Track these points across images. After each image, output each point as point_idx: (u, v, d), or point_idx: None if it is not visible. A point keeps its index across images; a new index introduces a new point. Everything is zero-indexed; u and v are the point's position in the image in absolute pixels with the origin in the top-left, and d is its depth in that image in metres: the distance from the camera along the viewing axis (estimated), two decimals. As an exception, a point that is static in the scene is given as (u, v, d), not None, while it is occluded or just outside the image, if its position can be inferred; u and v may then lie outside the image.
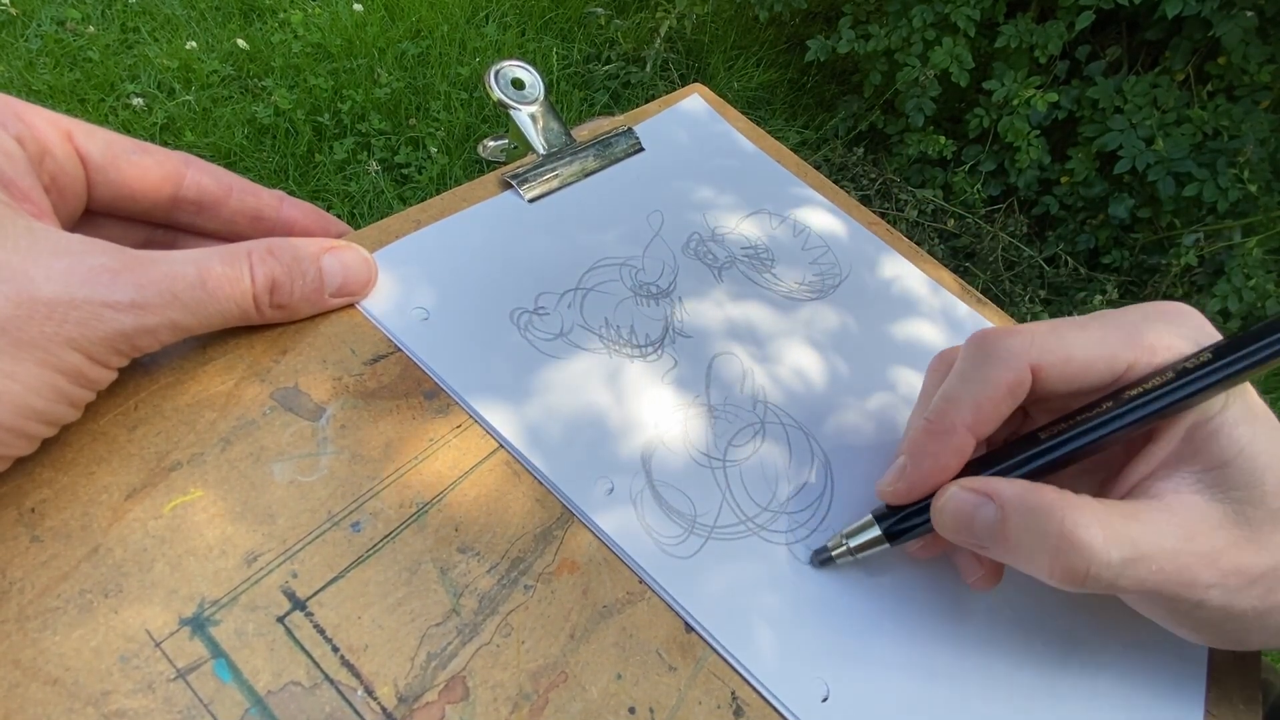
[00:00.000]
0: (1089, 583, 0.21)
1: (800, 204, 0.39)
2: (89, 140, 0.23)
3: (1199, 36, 1.45)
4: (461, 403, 0.26)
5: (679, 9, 1.83)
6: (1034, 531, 0.21)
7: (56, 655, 0.18)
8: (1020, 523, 0.22)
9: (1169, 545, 0.21)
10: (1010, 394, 0.24)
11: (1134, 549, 0.21)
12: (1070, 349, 0.23)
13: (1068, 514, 0.21)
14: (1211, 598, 0.22)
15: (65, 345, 0.19)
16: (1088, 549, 0.21)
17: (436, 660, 0.21)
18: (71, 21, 1.56)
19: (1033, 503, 0.22)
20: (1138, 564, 0.21)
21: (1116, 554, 0.21)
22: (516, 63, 0.35)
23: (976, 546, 0.23)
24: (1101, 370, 0.23)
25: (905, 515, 0.25)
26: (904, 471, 0.25)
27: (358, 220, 1.40)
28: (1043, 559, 0.21)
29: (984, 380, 0.24)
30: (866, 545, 0.25)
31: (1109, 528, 0.21)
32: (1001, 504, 0.22)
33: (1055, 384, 0.24)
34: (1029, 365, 0.23)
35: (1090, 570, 0.21)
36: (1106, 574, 0.21)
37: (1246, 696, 0.27)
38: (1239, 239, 1.49)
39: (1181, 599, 0.22)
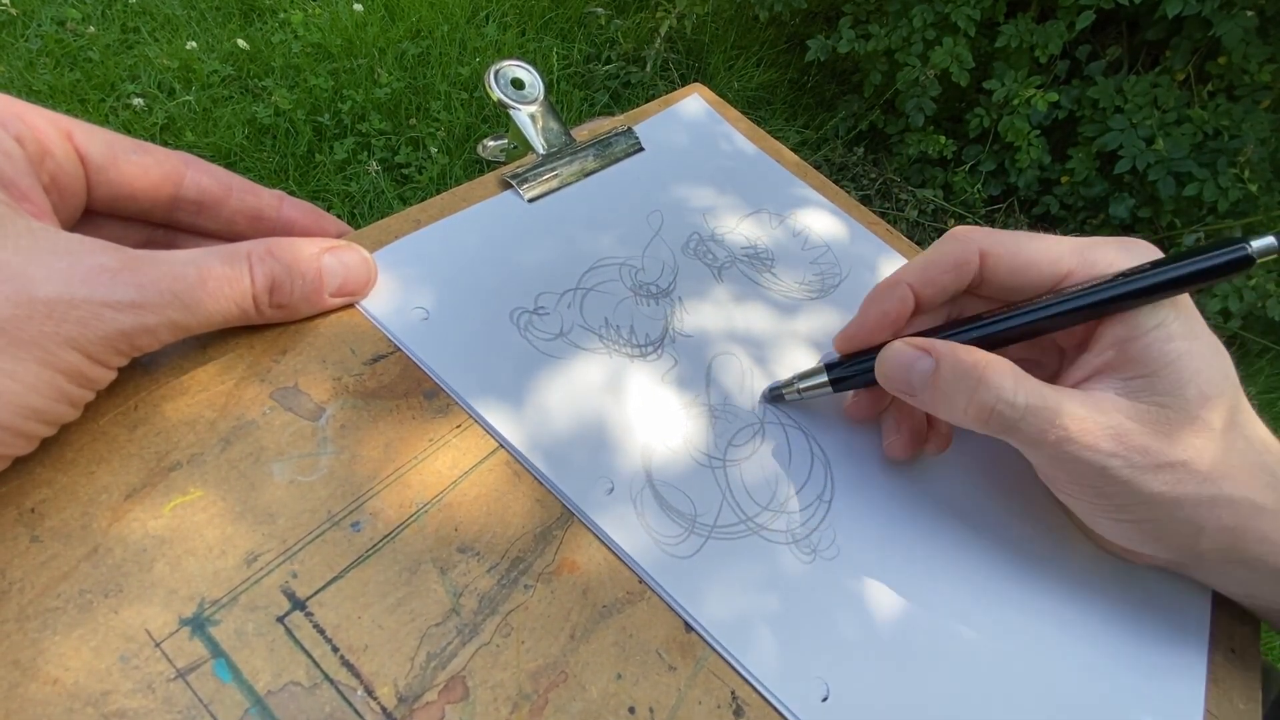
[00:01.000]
0: (994, 420, 0.24)
1: (800, 204, 0.39)
2: (89, 140, 0.23)
3: (1199, 36, 1.45)
4: (461, 403, 0.26)
5: (679, 9, 1.83)
6: (959, 379, 0.24)
7: (56, 655, 0.18)
8: (949, 372, 0.25)
9: (1078, 411, 0.24)
10: (955, 267, 0.27)
11: (1041, 400, 0.24)
12: (1020, 246, 0.26)
13: (990, 364, 0.24)
14: (1114, 467, 0.24)
15: (65, 345, 0.19)
16: (999, 388, 0.24)
17: (436, 660, 0.21)
18: (71, 21, 1.57)
19: (962, 356, 0.25)
20: (1041, 414, 0.23)
21: (1023, 399, 0.24)
22: (516, 62, 0.35)
23: (907, 394, 0.26)
24: (1044, 270, 0.26)
25: (849, 364, 0.28)
26: (852, 321, 0.29)
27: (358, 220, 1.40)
28: (960, 399, 0.25)
29: (936, 252, 0.27)
30: (813, 389, 0.29)
31: (1022, 379, 0.24)
32: (937, 356, 0.25)
33: (1002, 275, 0.27)
34: (979, 249, 0.27)
35: (996, 407, 0.24)
36: (1010, 413, 0.24)
37: (1246, 695, 0.27)
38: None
39: (1085, 462, 0.24)
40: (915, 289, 0.27)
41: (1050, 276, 0.26)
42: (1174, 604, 0.29)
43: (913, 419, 0.29)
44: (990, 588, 0.27)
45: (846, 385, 0.29)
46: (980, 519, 0.29)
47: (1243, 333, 1.57)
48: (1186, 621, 0.29)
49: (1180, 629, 0.28)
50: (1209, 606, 0.29)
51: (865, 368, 0.28)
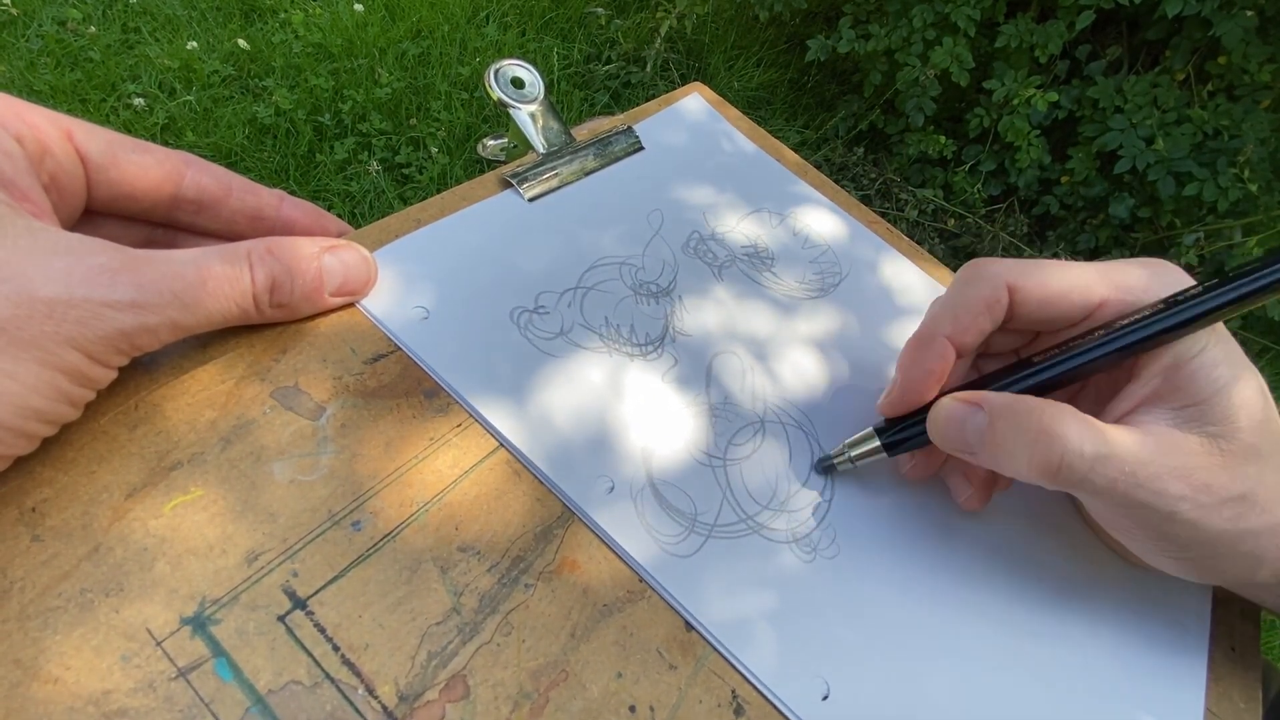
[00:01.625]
0: (1062, 473, 0.23)
1: (800, 203, 0.39)
2: (89, 139, 0.23)
3: (1199, 36, 1.45)
4: (461, 402, 0.26)
5: (679, 9, 1.83)
6: (1017, 431, 0.23)
7: (57, 654, 0.18)
8: (1005, 425, 0.24)
9: (1143, 454, 0.23)
10: (987, 309, 0.26)
11: (1108, 447, 0.22)
12: (1047, 277, 0.25)
13: (1047, 412, 0.23)
14: (1182, 510, 0.23)
15: (65, 344, 0.19)
16: (1062, 440, 0.22)
17: (437, 659, 0.21)
18: (72, 22, 1.57)
19: (1017, 407, 0.24)
20: (1109, 462, 0.22)
21: (1090, 448, 0.22)
22: (516, 62, 0.35)
23: (965, 453, 0.25)
24: (1075, 301, 0.25)
25: (901, 428, 0.27)
26: (894, 384, 0.28)
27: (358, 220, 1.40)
28: (1023, 454, 0.23)
29: (963, 295, 0.26)
30: (866, 455, 0.28)
31: (1084, 425, 0.23)
32: (990, 410, 0.24)
33: (1032, 309, 0.26)
34: (1006, 285, 0.26)
35: (1064, 459, 0.23)
36: (1080, 465, 0.22)
37: (1247, 694, 0.27)
38: (1239, 238, 1.49)
39: (1152, 507, 0.23)
40: (953, 339, 0.26)
41: (1082, 306, 0.25)
42: (1174, 602, 0.29)
43: (979, 470, 0.28)
44: (990, 586, 0.27)
45: (902, 449, 0.27)
46: (980, 517, 0.29)
47: (1243, 332, 1.57)
48: (1187, 620, 0.29)
49: (1181, 627, 0.28)
50: (1209, 605, 0.29)
51: (920, 429, 0.27)
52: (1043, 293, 0.25)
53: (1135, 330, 0.24)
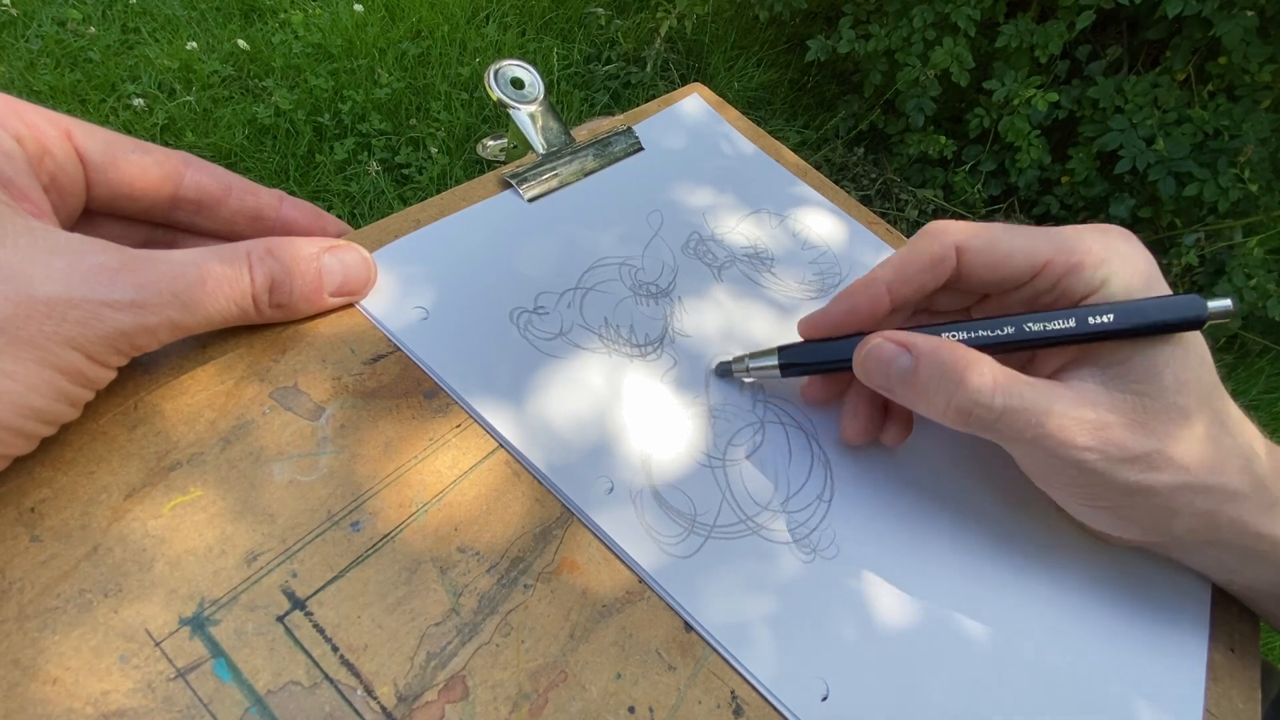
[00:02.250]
0: (972, 420, 0.24)
1: (800, 204, 0.39)
2: (88, 139, 0.23)
3: (1199, 36, 1.45)
4: (461, 402, 0.26)
5: (679, 9, 1.83)
6: (938, 377, 0.24)
7: (56, 655, 0.18)
8: (928, 370, 0.25)
9: (1055, 407, 0.24)
10: (932, 264, 0.27)
11: (1018, 400, 0.24)
12: (995, 239, 0.26)
13: (969, 364, 0.24)
14: (1088, 459, 0.24)
15: (65, 344, 0.19)
16: (977, 390, 0.24)
17: (436, 660, 0.21)
18: (72, 22, 1.57)
19: (942, 354, 0.25)
20: (1018, 414, 0.24)
21: (1000, 400, 0.24)
22: (516, 62, 0.35)
23: (887, 390, 0.26)
24: (1021, 262, 0.26)
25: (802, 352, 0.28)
26: (822, 310, 0.29)
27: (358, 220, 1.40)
28: (939, 399, 0.25)
29: (912, 250, 0.27)
30: (763, 370, 0.29)
31: (999, 377, 0.24)
32: (916, 354, 0.25)
33: (980, 270, 0.26)
34: (955, 244, 0.26)
35: (974, 410, 0.24)
36: (987, 415, 0.24)
37: (1246, 694, 0.27)
38: (1240, 239, 1.49)
39: (1059, 456, 0.24)
40: (891, 288, 0.27)
41: (1027, 268, 0.26)
42: (1173, 602, 0.29)
43: (871, 405, 0.29)
44: (990, 586, 0.27)
45: (797, 372, 0.29)
46: (979, 518, 0.29)
47: (1242, 333, 1.57)
48: (1186, 620, 0.29)
49: (1180, 627, 0.28)
50: (1208, 605, 0.29)
51: (818, 361, 0.28)
52: (990, 255, 0.26)
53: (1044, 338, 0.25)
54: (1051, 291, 0.26)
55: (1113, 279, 0.25)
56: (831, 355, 0.28)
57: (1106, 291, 0.25)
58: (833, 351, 0.28)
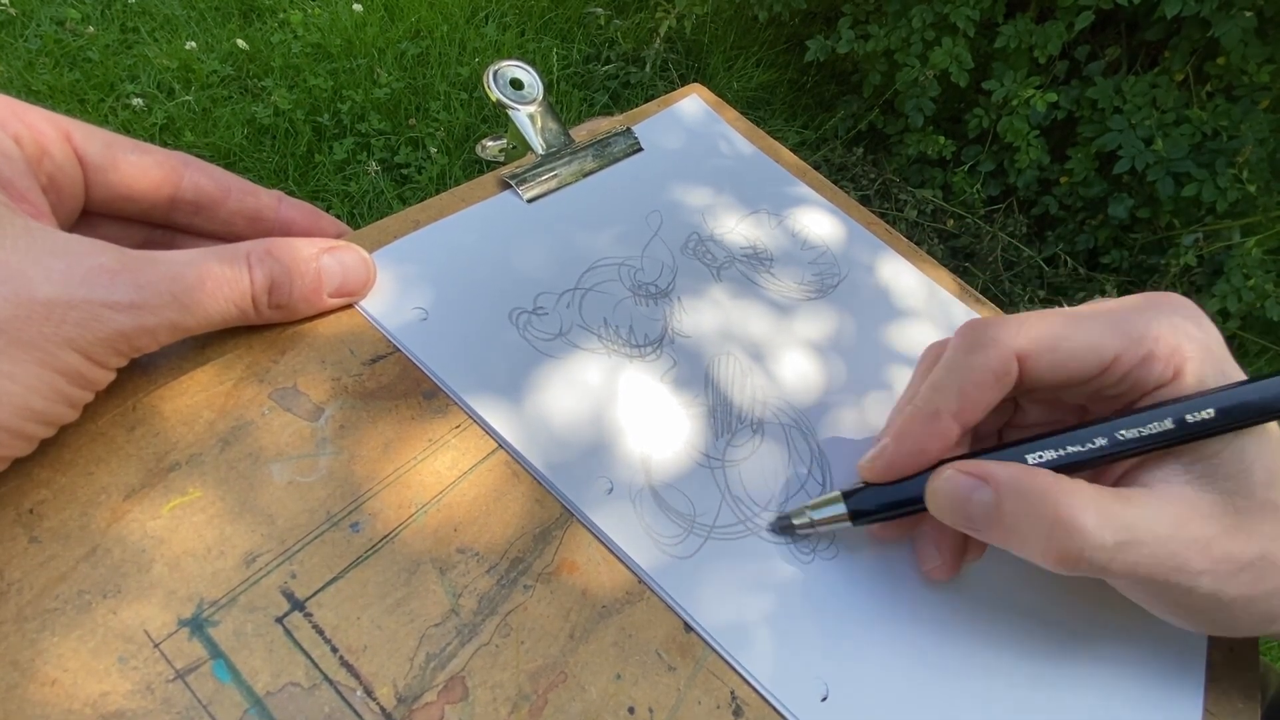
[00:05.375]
0: (1082, 565, 0.21)
1: (799, 204, 0.39)
2: (87, 140, 0.23)
3: (1198, 37, 1.45)
4: (460, 403, 0.26)
5: (678, 9, 1.83)
6: (1028, 514, 0.22)
7: (55, 656, 0.18)
8: (1014, 505, 0.22)
9: (1161, 531, 0.21)
10: (997, 381, 0.24)
11: (1128, 533, 0.21)
12: (1058, 339, 0.24)
13: (1062, 497, 0.21)
14: (1202, 584, 0.22)
15: (64, 345, 0.19)
16: (1081, 532, 0.21)
17: (435, 661, 0.21)
18: (71, 22, 1.56)
19: (1027, 486, 0.22)
20: (1130, 548, 0.21)
21: (1110, 537, 0.21)
22: (515, 63, 0.35)
23: (969, 528, 0.23)
24: (1089, 360, 0.24)
25: (874, 504, 0.25)
26: (884, 451, 0.25)
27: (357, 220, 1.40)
28: (1037, 542, 0.22)
29: (971, 368, 0.24)
30: (830, 520, 0.26)
31: (1103, 512, 0.21)
32: (996, 486, 0.22)
33: (1043, 373, 0.24)
34: (1015, 354, 0.24)
35: (1084, 553, 0.21)
36: (1100, 556, 0.21)
37: (1245, 695, 0.27)
38: (1238, 239, 1.49)
39: (1173, 585, 0.22)
40: (958, 418, 0.24)
41: (1096, 366, 0.24)
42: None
43: (952, 537, 0.26)
44: (989, 586, 0.27)
45: (869, 521, 0.26)
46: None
47: (1241, 333, 1.57)
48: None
49: (1180, 628, 0.28)
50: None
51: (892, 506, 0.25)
52: (1053, 356, 0.24)
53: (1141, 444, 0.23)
54: (1119, 385, 0.24)
55: (1186, 367, 0.23)
56: (905, 496, 0.25)
57: (1180, 383, 0.23)
58: (906, 491, 0.25)
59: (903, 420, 0.25)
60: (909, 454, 0.25)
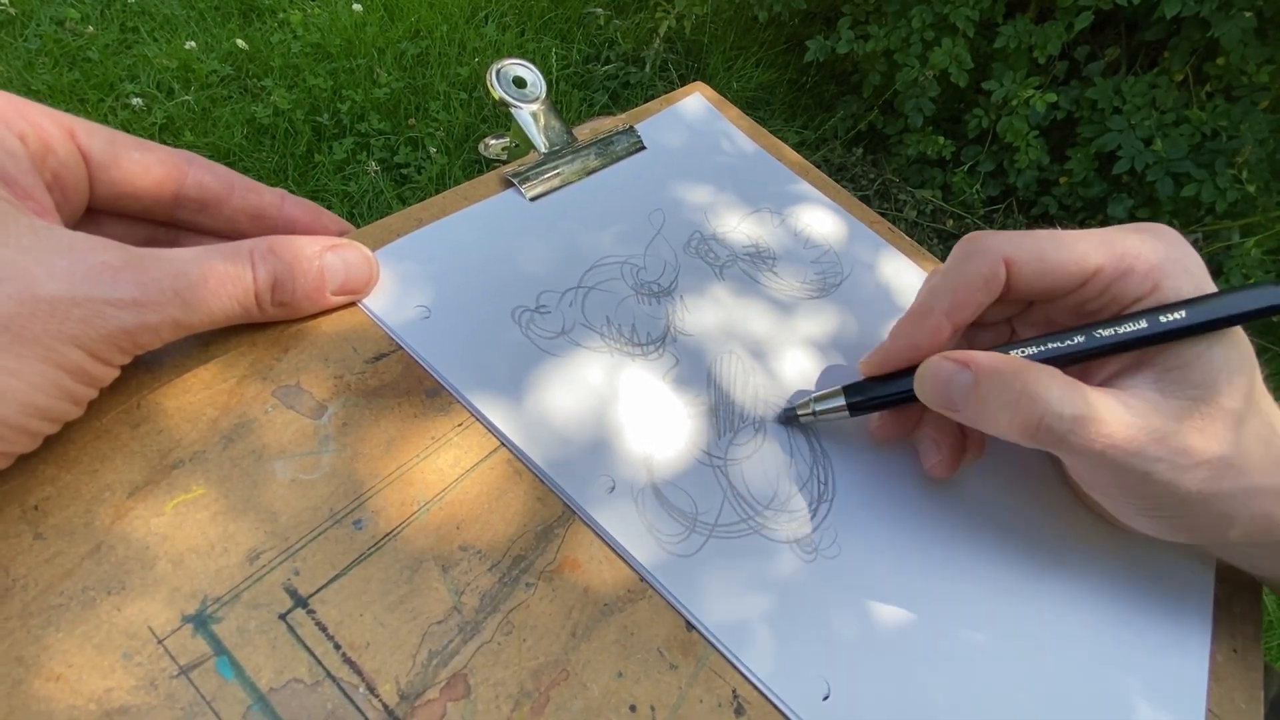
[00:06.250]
0: (1041, 433, 0.23)
1: (801, 203, 0.39)
2: (91, 138, 0.23)
3: (1198, 37, 1.45)
4: (463, 401, 0.26)
5: (678, 9, 1.83)
6: (1000, 391, 0.24)
7: (59, 652, 0.18)
8: (990, 385, 0.24)
9: (1123, 417, 0.23)
10: (985, 284, 0.26)
11: (1088, 409, 0.23)
12: (1044, 249, 0.26)
13: (1031, 373, 0.24)
14: (1158, 471, 0.23)
15: (68, 342, 0.19)
16: (1043, 400, 0.23)
17: (438, 658, 0.21)
18: (70, 21, 1.56)
19: (1002, 367, 0.24)
20: (1088, 424, 0.23)
21: (1069, 409, 0.23)
22: (518, 61, 0.35)
23: (949, 409, 0.26)
24: (1072, 270, 0.25)
25: (870, 394, 0.28)
26: (881, 346, 0.28)
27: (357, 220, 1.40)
28: (1004, 413, 0.24)
29: (961, 272, 0.26)
30: (829, 412, 0.28)
31: (1066, 390, 0.23)
32: (976, 370, 0.25)
33: (1029, 280, 0.26)
34: (1003, 258, 0.26)
35: (1043, 420, 0.23)
36: (1058, 425, 0.23)
37: (1248, 694, 0.28)
38: (1238, 239, 1.49)
39: (1129, 468, 0.23)
40: (950, 315, 0.27)
41: (1079, 275, 0.25)
42: (1176, 603, 0.29)
43: (950, 435, 0.28)
44: (992, 585, 0.27)
45: (865, 410, 0.28)
46: (980, 517, 0.29)
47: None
48: (1189, 620, 0.29)
49: (1182, 628, 0.28)
50: (1211, 605, 0.29)
51: (886, 395, 0.27)
52: (1039, 265, 0.25)
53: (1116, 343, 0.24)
54: (1101, 298, 0.26)
55: (1164, 283, 0.24)
56: (899, 388, 0.27)
57: (1159, 296, 0.25)
58: (899, 385, 0.27)
59: (901, 320, 0.28)
60: (904, 349, 0.27)
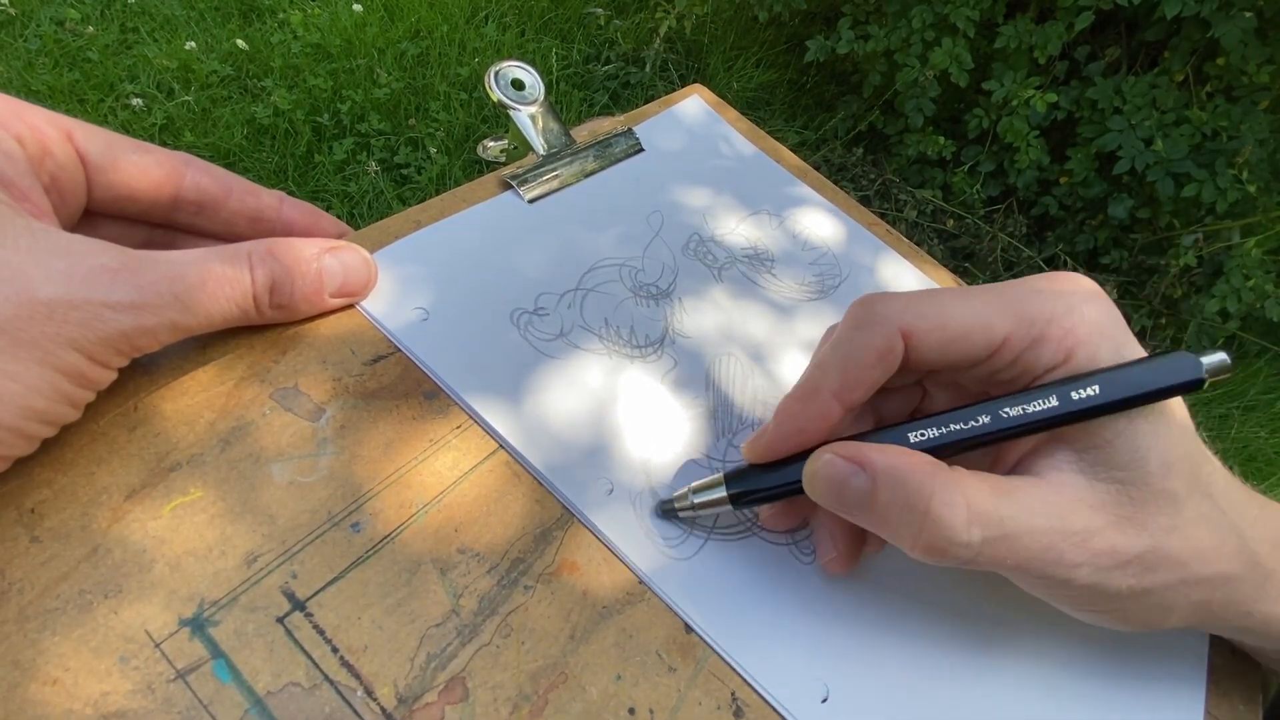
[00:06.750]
0: (947, 559, 0.21)
1: (800, 204, 0.39)
2: (89, 140, 0.23)
3: (1198, 37, 1.45)
4: (461, 403, 0.26)
5: (678, 9, 1.83)
6: (901, 505, 0.21)
7: (56, 656, 0.18)
8: (889, 495, 0.21)
9: (1039, 524, 0.21)
10: (880, 359, 0.23)
11: (998, 528, 0.21)
12: (946, 316, 0.23)
13: (936, 490, 0.21)
14: (1079, 576, 0.21)
15: (65, 345, 0.19)
16: (949, 527, 0.20)
17: (436, 661, 0.21)
18: (70, 22, 1.56)
19: (903, 475, 0.21)
20: (999, 543, 0.21)
21: (978, 534, 0.21)
22: (516, 63, 0.35)
23: (845, 514, 0.23)
24: (978, 340, 0.23)
25: (752, 486, 0.25)
26: (765, 431, 0.25)
27: (357, 221, 1.40)
28: (906, 533, 0.21)
29: (853, 345, 0.23)
30: (710, 504, 0.25)
31: (975, 507, 0.21)
32: (873, 474, 0.22)
33: (931, 351, 0.23)
34: (900, 330, 0.23)
35: (949, 549, 0.21)
36: (965, 553, 0.21)
37: (1246, 696, 0.28)
38: (1238, 239, 1.49)
39: (1048, 576, 0.21)
40: (839, 396, 0.23)
41: (985, 347, 0.23)
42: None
43: (849, 527, 0.25)
44: (991, 587, 0.27)
45: (750, 504, 0.25)
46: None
47: (1241, 334, 1.57)
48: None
49: (1181, 631, 0.28)
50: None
51: (771, 488, 0.24)
52: (941, 335, 0.23)
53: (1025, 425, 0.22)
54: (1011, 368, 0.23)
55: (1078, 350, 0.22)
56: (784, 480, 0.24)
57: (1073, 365, 0.22)
58: (785, 475, 0.24)
59: (784, 400, 0.24)
60: (789, 434, 0.24)
